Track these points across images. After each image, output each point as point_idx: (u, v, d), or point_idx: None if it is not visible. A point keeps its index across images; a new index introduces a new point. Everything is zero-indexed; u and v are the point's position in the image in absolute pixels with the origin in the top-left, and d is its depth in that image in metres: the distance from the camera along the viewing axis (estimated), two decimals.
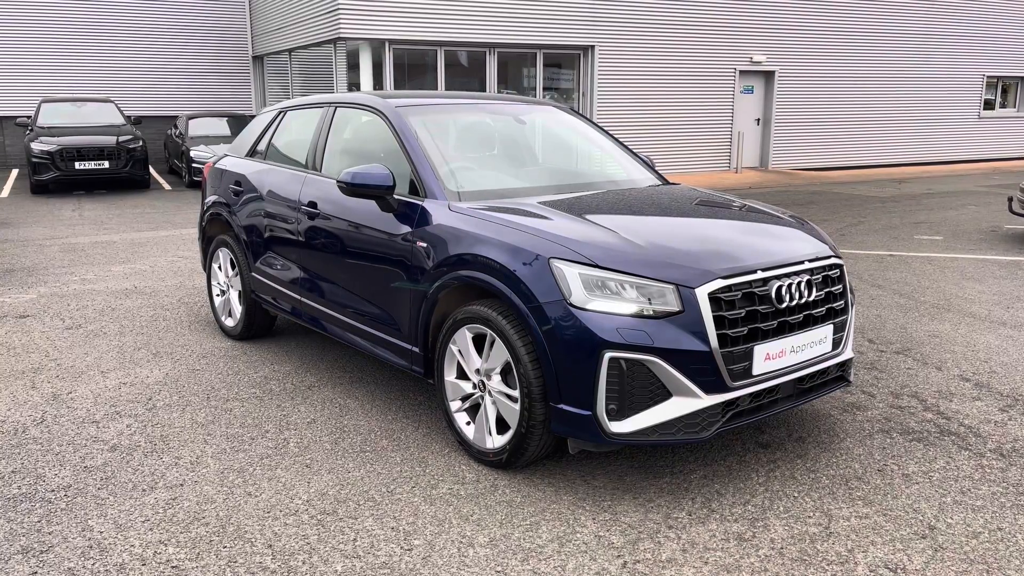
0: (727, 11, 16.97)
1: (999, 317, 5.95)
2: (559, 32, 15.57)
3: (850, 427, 3.95)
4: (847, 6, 18.23)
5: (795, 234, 3.72)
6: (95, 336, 5.50)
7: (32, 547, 2.90)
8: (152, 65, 19.54)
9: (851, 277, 6.99)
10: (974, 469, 3.51)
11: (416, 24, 14.43)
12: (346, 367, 4.85)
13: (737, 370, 3.14)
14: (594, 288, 3.11)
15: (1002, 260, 8.15)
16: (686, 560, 2.82)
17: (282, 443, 3.78)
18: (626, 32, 16.11)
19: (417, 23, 14.43)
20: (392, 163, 4.06)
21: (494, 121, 4.82)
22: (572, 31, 15.67)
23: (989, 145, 21.15)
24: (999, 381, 4.60)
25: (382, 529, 3.02)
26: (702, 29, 16.82)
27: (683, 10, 16.55)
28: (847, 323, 3.64)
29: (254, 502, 3.22)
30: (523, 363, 3.21)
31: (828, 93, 18.64)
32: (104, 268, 7.74)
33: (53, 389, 4.48)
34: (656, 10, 16.30)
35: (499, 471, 3.47)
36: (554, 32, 15.54)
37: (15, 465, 3.55)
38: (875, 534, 2.99)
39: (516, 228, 3.39)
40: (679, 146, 17.10)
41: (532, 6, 15.23)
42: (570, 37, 15.71)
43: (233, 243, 5.28)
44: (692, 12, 16.64)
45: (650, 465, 3.54)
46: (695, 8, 16.65)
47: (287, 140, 5.16)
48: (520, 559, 2.82)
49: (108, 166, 13.61)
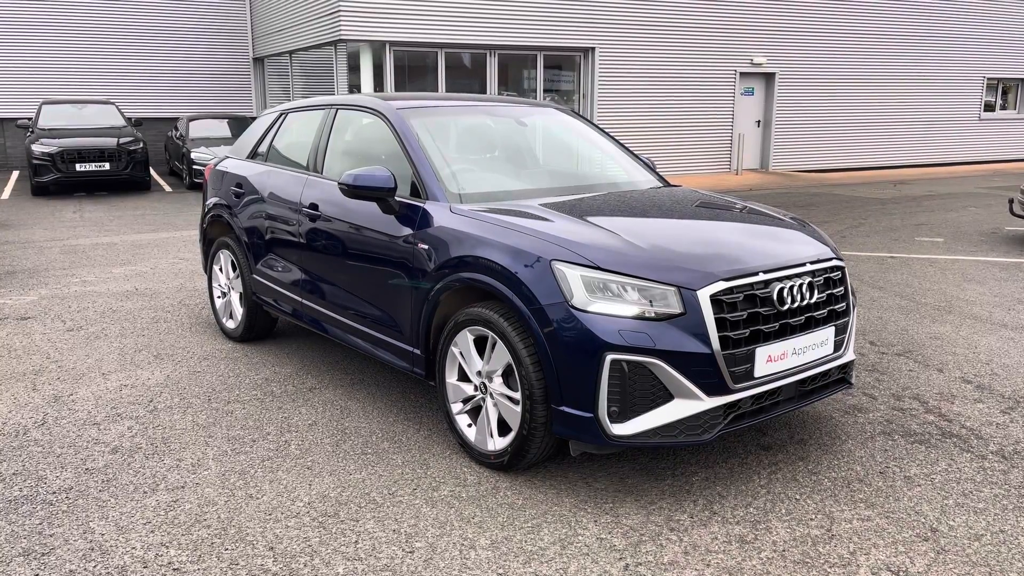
0: (727, 13, 16.98)
1: (1000, 319, 5.94)
2: (559, 34, 15.58)
3: (852, 429, 3.95)
4: (848, 8, 18.24)
5: (796, 236, 3.72)
6: (96, 338, 5.50)
7: (33, 549, 2.90)
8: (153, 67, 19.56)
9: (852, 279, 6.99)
10: (976, 471, 3.51)
11: (417, 26, 14.44)
12: (347, 369, 4.84)
13: (739, 372, 3.14)
14: (596, 290, 3.11)
15: (1003, 262, 8.15)
16: (688, 563, 2.82)
17: (283, 445, 3.77)
18: (626, 34, 16.11)
19: (418, 25, 14.44)
20: (393, 165, 4.06)
21: (495, 123, 4.82)
22: (572, 33, 15.68)
23: (990, 147, 21.16)
24: (1000, 383, 4.59)
25: (384, 531, 3.02)
26: (702, 31, 16.82)
27: (683, 12, 16.56)
28: (849, 325, 3.63)
29: (255, 504, 3.22)
30: (525, 365, 3.21)
31: (829, 95, 18.65)
32: (105, 270, 7.74)
33: (54, 391, 4.48)
34: (656, 12, 16.31)
35: (501, 473, 3.47)
36: (554, 34, 15.55)
37: (16, 467, 3.55)
38: (877, 536, 2.99)
39: (517, 230, 3.39)
40: (680, 148, 17.10)
41: (532, 8, 15.25)
42: (570, 39, 15.71)
43: (234, 245, 5.28)
44: (692, 14, 16.65)
45: (652, 467, 3.54)
46: (695, 10, 16.66)
47: (288, 142, 5.16)
48: (522, 561, 2.82)
49: (109, 168, 13.62)
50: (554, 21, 15.46)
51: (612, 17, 15.91)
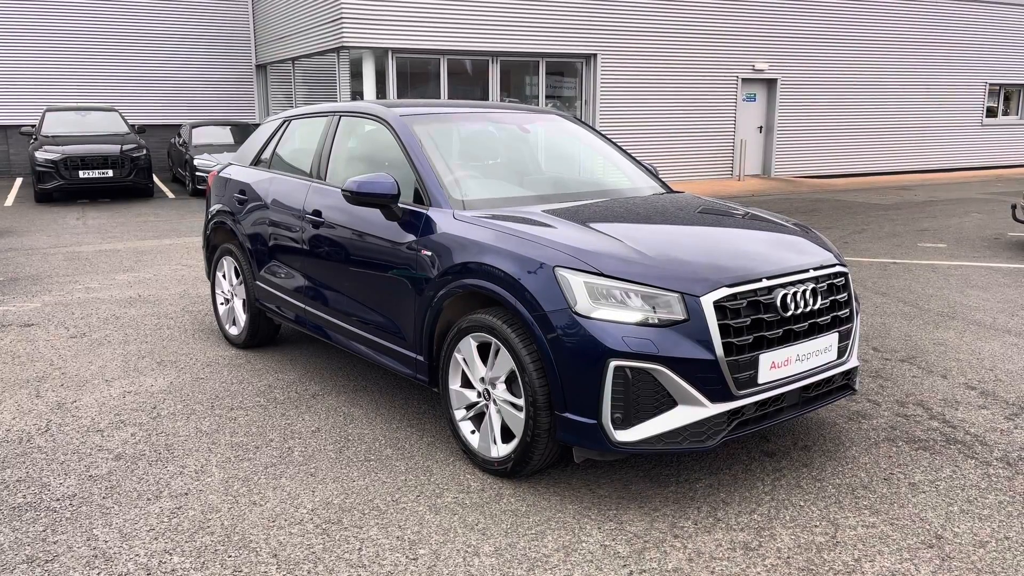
0: (729, 19, 17.01)
1: (1004, 325, 5.94)
2: (561, 40, 15.62)
3: (856, 436, 3.94)
4: (849, 14, 18.26)
5: (800, 242, 3.71)
6: (99, 345, 5.50)
7: (37, 556, 2.90)
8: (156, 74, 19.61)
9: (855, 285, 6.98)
10: (980, 478, 3.50)
11: (419, 33, 14.48)
12: (350, 376, 4.84)
13: (743, 379, 3.13)
14: (599, 297, 3.11)
15: (1006, 268, 8.14)
16: (692, 570, 2.81)
17: (286, 452, 3.77)
18: (628, 40, 16.14)
19: (420, 32, 14.48)
20: (396, 172, 4.06)
21: (498, 130, 4.83)
22: (574, 39, 15.71)
23: (992, 153, 21.16)
24: (1004, 389, 4.58)
25: (387, 538, 3.01)
26: (704, 37, 16.85)
27: (685, 18, 16.59)
28: (852, 331, 3.63)
29: (259, 511, 3.22)
30: (528, 371, 3.21)
31: (830, 101, 18.66)
32: (108, 277, 7.75)
33: (58, 398, 4.48)
34: (658, 18, 16.34)
35: (504, 480, 3.47)
36: (556, 40, 15.58)
37: (20, 474, 3.55)
38: (882, 543, 2.98)
39: (521, 237, 3.40)
40: (682, 154, 17.11)
41: (534, 15, 15.28)
42: (572, 45, 15.75)
43: (237, 252, 5.28)
44: (694, 20, 16.68)
45: (655, 474, 3.53)
46: (697, 16, 16.69)
47: (291, 149, 5.17)
48: (525, 568, 2.82)
49: (112, 175, 13.65)
50: (556, 28, 15.50)
51: (614, 24, 15.94)
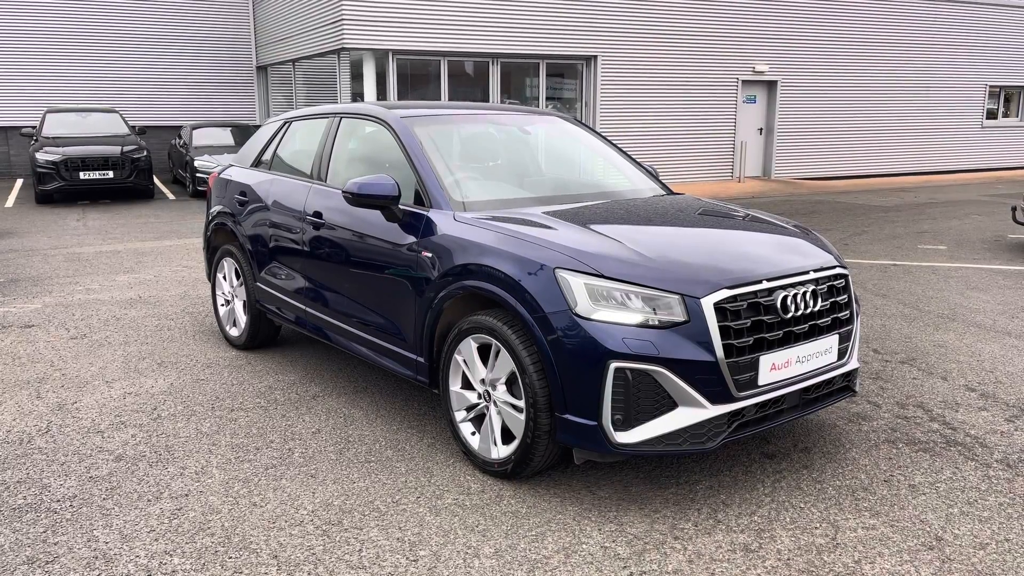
0: (730, 21, 17.02)
1: (1004, 327, 5.94)
2: (562, 42, 15.63)
3: (856, 437, 3.94)
4: (850, 16, 18.28)
5: (800, 244, 3.72)
6: (100, 346, 5.50)
7: (38, 558, 2.90)
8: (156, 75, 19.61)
9: (855, 287, 6.99)
10: (981, 479, 3.50)
11: (420, 34, 14.49)
12: (351, 377, 4.85)
13: (743, 380, 3.13)
14: (599, 298, 3.11)
15: (1006, 270, 8.14)
16: (692, 571, 2.81)
17: (287, 453, 3.78)
18: (628, 42, 16.15)
19: (420, 33, 14.49)
20: (397, 173, 4.07)
21: (499, 131, 4.84)
22: (575, 41, 15.72)
23: (992, 154, 21.16)
24: (1005, 391, 4.58)
25: (387, 540, 3.01)
26: (704, 39, 16.86)
27: (685, 20, 16.60)
28: (852, 333, 3.63)
29: (259, 512, 3.22)
30: (528, 373, 3.21)
31: (831, 102, 18.67)
32: (109, 278, 7.76)
33: (58, 399, 4.49)
34: (658, 20, 16.35)
35: (504, 481, 3.47)
36: (557, 42, 15.59)
37: (20, 475, 3.55)
38: (882, 545, 2.98)
39: (521, 238, 3.40)
40: (682, 156, 17.12)
41: (535, 16, 15.30)
42: (573, 47, 15.76)
43: (238, 253, 5.29)
44: (694, 22, 16.69)
45: (656, 475, 3.53)
46: (697, 18, 16.70)
47: (292, 150, 5.18)
48: (526, 570, 2.82)
49: (112, 176, 13.65)
50: (556, 29, 15.51)
51: (614, 25, 15.95)
